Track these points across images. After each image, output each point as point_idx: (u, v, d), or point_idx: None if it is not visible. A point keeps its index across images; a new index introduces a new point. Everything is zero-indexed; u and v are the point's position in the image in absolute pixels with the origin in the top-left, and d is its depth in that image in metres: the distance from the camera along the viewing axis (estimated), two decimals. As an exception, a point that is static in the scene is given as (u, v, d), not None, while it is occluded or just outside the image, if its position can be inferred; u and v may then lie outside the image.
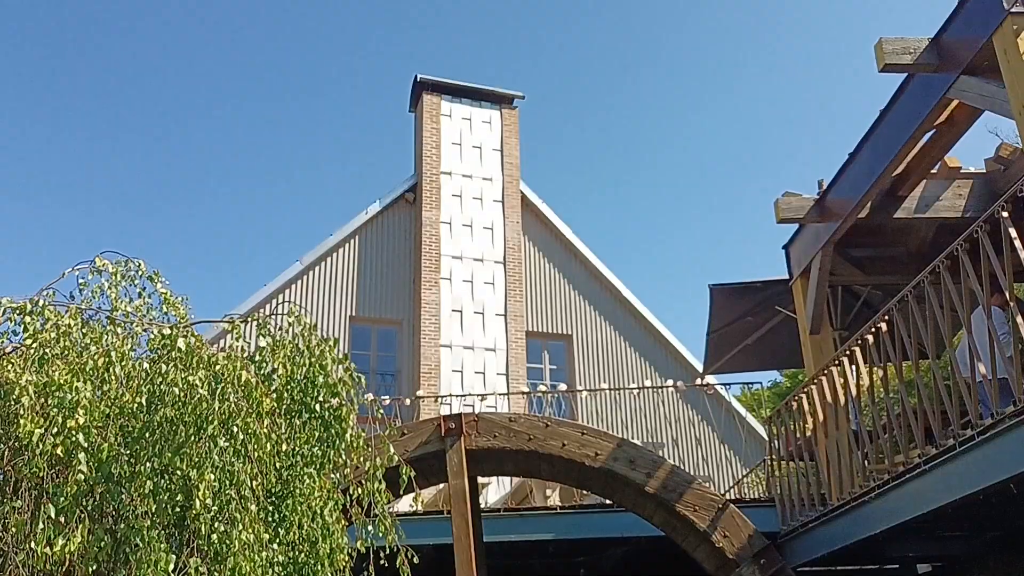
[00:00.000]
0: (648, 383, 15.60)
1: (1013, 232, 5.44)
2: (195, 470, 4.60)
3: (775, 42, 50.92)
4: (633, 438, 13.01)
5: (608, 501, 9.34)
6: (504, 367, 16.45)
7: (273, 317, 6.08)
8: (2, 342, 5.05)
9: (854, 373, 7.57)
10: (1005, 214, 5.50)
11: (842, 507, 7.59)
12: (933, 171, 8.88)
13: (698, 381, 14.83)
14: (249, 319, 5.89)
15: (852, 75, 50.58)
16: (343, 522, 5.68)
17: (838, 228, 8.71)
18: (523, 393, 14.63)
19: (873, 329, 7.17)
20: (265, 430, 4.92)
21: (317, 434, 5.45)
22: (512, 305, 17.02)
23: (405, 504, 10.11)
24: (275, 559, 5.10)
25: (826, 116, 50.58)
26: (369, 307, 16.66)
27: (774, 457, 9.68)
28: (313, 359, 5.59)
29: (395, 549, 5.72)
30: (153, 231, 45.95)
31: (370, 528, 5.56)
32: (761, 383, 25.69)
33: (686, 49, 51.43)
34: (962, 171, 9.13)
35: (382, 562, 5.73)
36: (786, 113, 52.72)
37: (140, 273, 5.34)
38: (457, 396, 12.93)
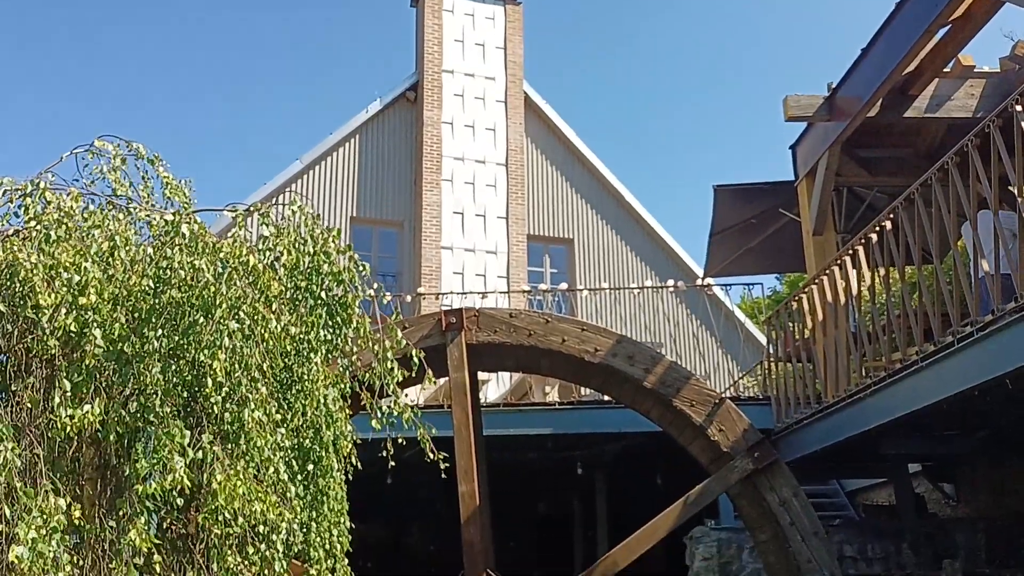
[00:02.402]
0: (649, 284, 15.66)
1: (1026, 125, 5.35)
2: (205, 352, 4.64)
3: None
4: (632, 340, 13.11)
5: (606, 397, 9.49)
6: (505, 270, 16.48)
7: (276, 207, 6.05)
8: (3, 224, 5.03)
9: (856, 273, 7.59)
10: (1019, 108, 5.40)
11: (837, 404, 7.72)
12: (946, 69, 8.70)
13: (699, 282, 14.88)
14: (251, 208, 5.87)
15: (866, -22, 49.08)
16: (347, 411, 5.78)
17: (847, 126, 8.60)
18: (523, 292, 14.70)
19: (877, 228, 7.14)
20: (273, 314, 4.94)
21: (323, 321, 5.49)
22: (514, 208, 16.92)
23: (407, 400, 10.31)
24: (282, 443, 5.21)
25: (840, 12, 49.28)
26: (370, 208, 16.57)
27: (771, 358, 9.81)
28: (317, 248, 5.59)
29: (411, 440, 5.85)
30: (151, 130, 45.44)
31: (385, 408, 5.66)
32: (761, 284, 25.72)
33: (696, -52, 49.82)
34: (976, 70, 8.94)
35: (401, 442, 5.85)
36: (798, 9, 51.41)
37: (140, 156, 5.28)
38: (458, 294, 12.98)
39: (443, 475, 5.96)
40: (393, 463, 5.92)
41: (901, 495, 9.88)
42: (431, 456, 5.87)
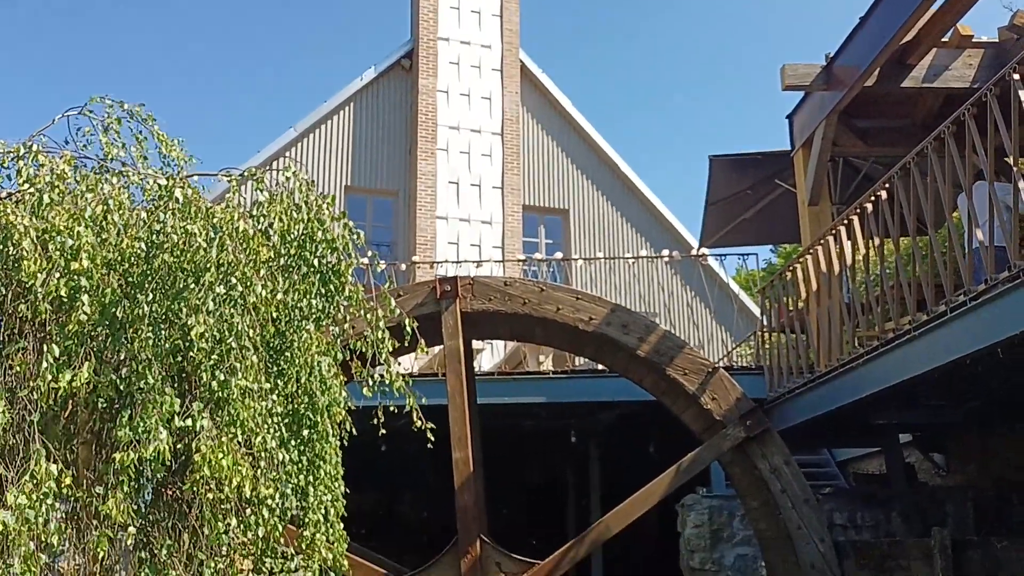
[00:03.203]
0: (644, 254, 15.67)
1: (1023, 95, 5.33)
2: (193, 316, 4.64)
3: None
4: (626, 310, 13.13)
5: (600, 366, 9.53)
6: (500, 240, 16.45)
7: (270, 172, 6.02)
8: (-4, 187, 5.00)
9: (851, 244, 7.59)
10: (1017, 77, 5.38)
11: (829, 374, 7.76)
12: (944, 39, 8.66)
13: (693, 252, 14.89)
14: (245, 173, 5.84)
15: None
16: (341, 377, 5.79)
17: (844, 96, 8.57)
18: (519, 261, 14.69)
19: (873, 198, 7.14)
20: (261, 279, 4.93)
21: (315, 288, 5.49)
22: (509, 178, 16.86)
23: (402, 368, 10.33)
24: (274, 409, 5.22)
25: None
26: (365, 177, 16.49)
27: (765, 328, 9.84)
28: (311, 214, 5.57)
29: (403, 408, 5.86)
30: (145, 97, 44.90)
31: (376, 376, 5.67)
32: (756, 255, 25.78)
33: (695, -83, 49.26)
34: (974, 40, 8.90)
35: (393, 410, 5.86)
36: (795, -12, 51.00)
37: (133, 117, 5.24)
38: (453, 263, 12.97)
39: (430, 445, 5.95)
40: (384, 431, 5.94)
41: (891, 465, 9.96)
42: (419, 425, 5.87)
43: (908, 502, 8.91)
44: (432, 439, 5.87)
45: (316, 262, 5.49)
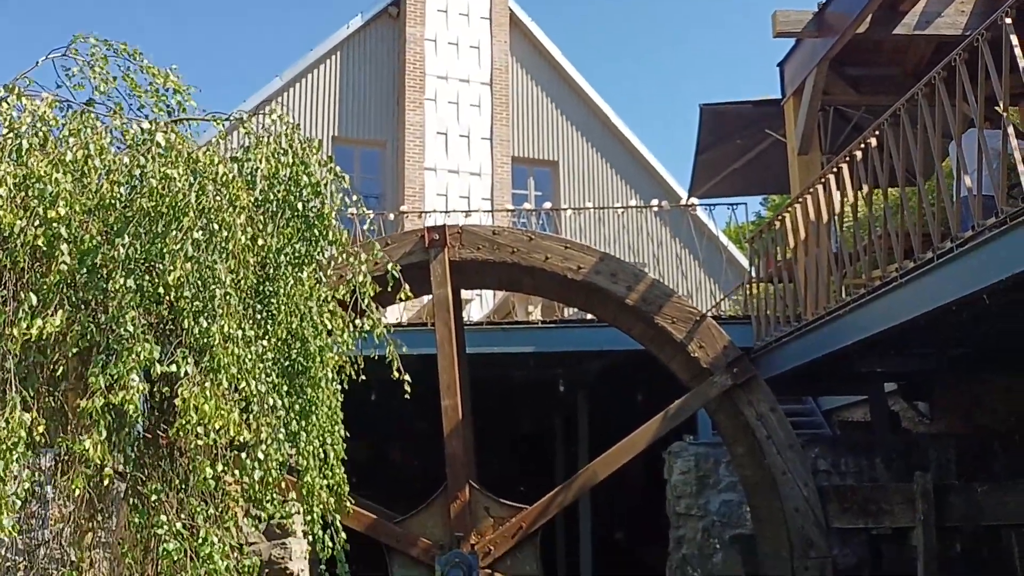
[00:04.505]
0: (633, 204, 15.64)
1: (1015, 39, 5.29)
2: (170, 259, 4.58)
3: None
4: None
5: (589, 315, 9.56)
6: (489, 192, 16.35)
7: (257, 116, 5.93)
8: (-22, 131, 4.91)
9: (839, 192, 7.58)
10: (1008, 21, 5.33)
11: (816, 322, 7.80)
12: (938, -16, 8.56)
13: (683, 202, 14.86)
14: (231, 116, 5.75)
15: None
16: (342, 317, 5.74)
17: (836, 43, 8.50)
18: (508, 211, 14.63)
19: (863, 146, 7.11)
20: (241, 223, 4.86)
21: (299, 232, 5.44)
22: (498, 129, 16.71)
23: (392, 317, 10.34)
24: (265, 354, 5.20)
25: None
26: (352, 128, 16.31)
27: (753, 279, 9.87)
28: (296, 158, 5.50)
29: (387, 357, 5.83)
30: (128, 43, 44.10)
31: (358, 322, 5.65)
32: (745, 205, 25.76)
33: None
34: (967, -14, 8.80)
35: (373, 358, 5.84)
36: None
37: (119, 53, 5.14)
38: (441, 212, 12.91)
39: (407, 396, 5.87)
40: (365, 378, 5.93)
41: (876, 413, 10.08)
42: (397, 375, 5.84)
43: (892, 448, 9.03)
44: (409, 390, 5.81)
45: (300, 206, 5.44)
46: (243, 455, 4.91)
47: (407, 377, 5.84)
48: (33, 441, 4.29)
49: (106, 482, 4.52)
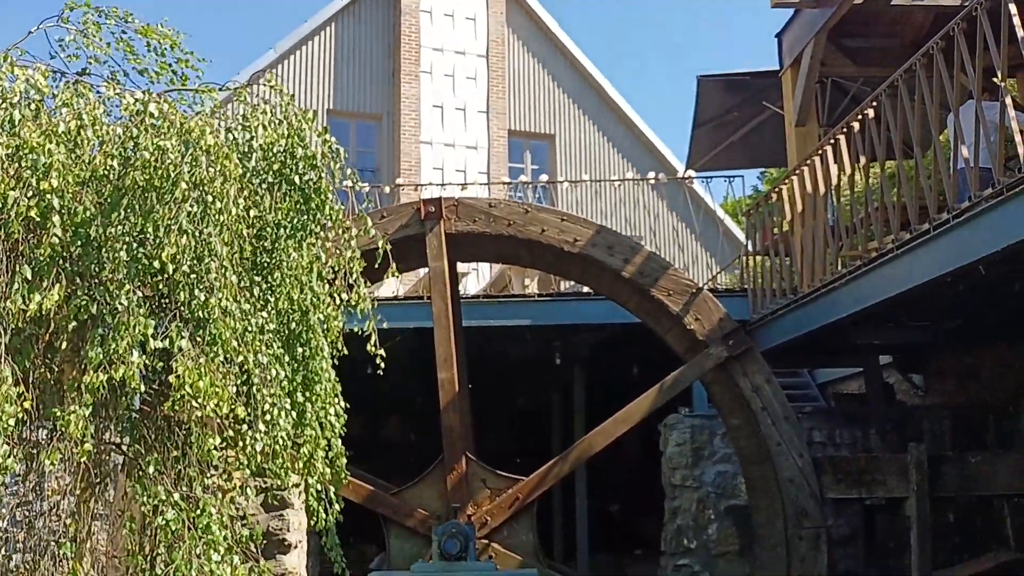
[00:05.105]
0: (630, 177, 15.59)
1: (1013, 8, 5.25)
2: (164, 235, 4.56)
3: None
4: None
5: (585, 288, 9.56)
6: (485, 166, 16.29)
7: (252, 87, 5.88)
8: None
9: (836, 165, 7.56)
10: (1008, -11, 5.29)
11: (812, 294, 7.81)
12: (938, -47, 8.48)
13: (680, 174, 14.82)
14: (226, 86, 5.70)
15: None
16: (339, 291, 5.72)
17: (834, 12, 8.44)
18: (504, 183, 14.58)
19: (860, 117, 7.08)
20: (232, 194, 4.83)
21: (295, 206, 5.41)
22: (495, 102, 16.61)
23: (388, 291, 10.33)
24: (266, 326, 5.19)
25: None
26: (347, 100, 16.20)
27: (750, 252, 9.88)
28: (292, 130, 5.46)
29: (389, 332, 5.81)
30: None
31: (344, 296, 5.63)
32: (743, 177, 25.67)
33: None
34: (967, -45, 8.71)
35: (358, 331, 5.83)
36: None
37: (110, 16, 5.08)
38: (438, 185, 12.86)
39: (379, 371, 5.81)
40: (367, 351, 5.90)
41: (871, 385, 10.12)
42: (372, 350, 5.80)
43: (886, 420, 9.08)
44: (383, 365, 5.76)
45: (296, 179, 5.41)
46: (245, 428, 4.91)
47: (381, 352, 5.78)
48: (27, 413, 4.29)
49: (84, 458, 4.51)
